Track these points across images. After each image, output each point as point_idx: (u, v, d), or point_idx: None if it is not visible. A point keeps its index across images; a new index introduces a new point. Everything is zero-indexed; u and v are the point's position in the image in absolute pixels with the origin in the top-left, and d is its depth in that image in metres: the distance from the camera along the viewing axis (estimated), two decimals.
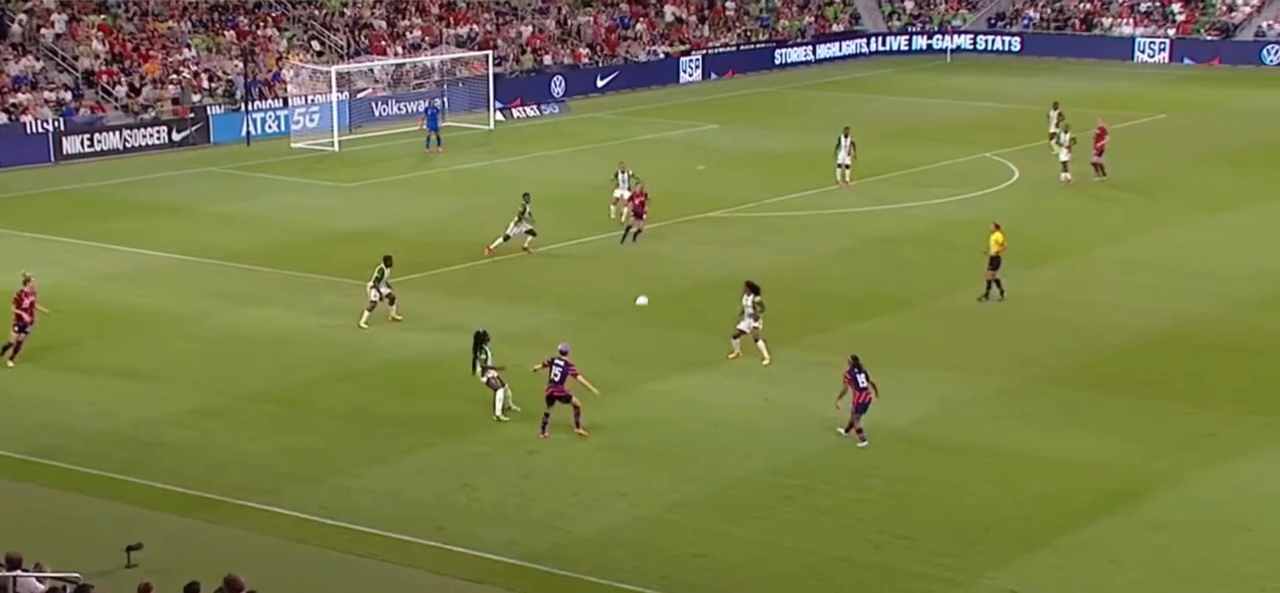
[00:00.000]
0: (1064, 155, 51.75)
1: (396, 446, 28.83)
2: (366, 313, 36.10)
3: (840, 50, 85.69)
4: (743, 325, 33.40)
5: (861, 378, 28.33)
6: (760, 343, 33.22)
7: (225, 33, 67.43)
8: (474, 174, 55.31)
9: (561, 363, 28.80)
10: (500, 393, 29.98)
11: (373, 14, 72.94)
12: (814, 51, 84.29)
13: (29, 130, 57.44)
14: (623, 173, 45.59)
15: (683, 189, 50.93)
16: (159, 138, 59.77)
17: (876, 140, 59.24)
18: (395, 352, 34.12)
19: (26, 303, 33.74)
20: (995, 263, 37.51)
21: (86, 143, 58.07)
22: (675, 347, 34.71)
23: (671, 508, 26.00)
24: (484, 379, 30.21)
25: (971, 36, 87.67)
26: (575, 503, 26.21)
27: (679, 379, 32.54)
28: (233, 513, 25.79)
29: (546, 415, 28.85)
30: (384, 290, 36.14)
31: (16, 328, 33.61)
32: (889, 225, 46.31)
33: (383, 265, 36.28)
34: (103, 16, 65.26)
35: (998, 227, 37.94)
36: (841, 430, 28.74)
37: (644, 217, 43.36)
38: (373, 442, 29.05)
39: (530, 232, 42.38)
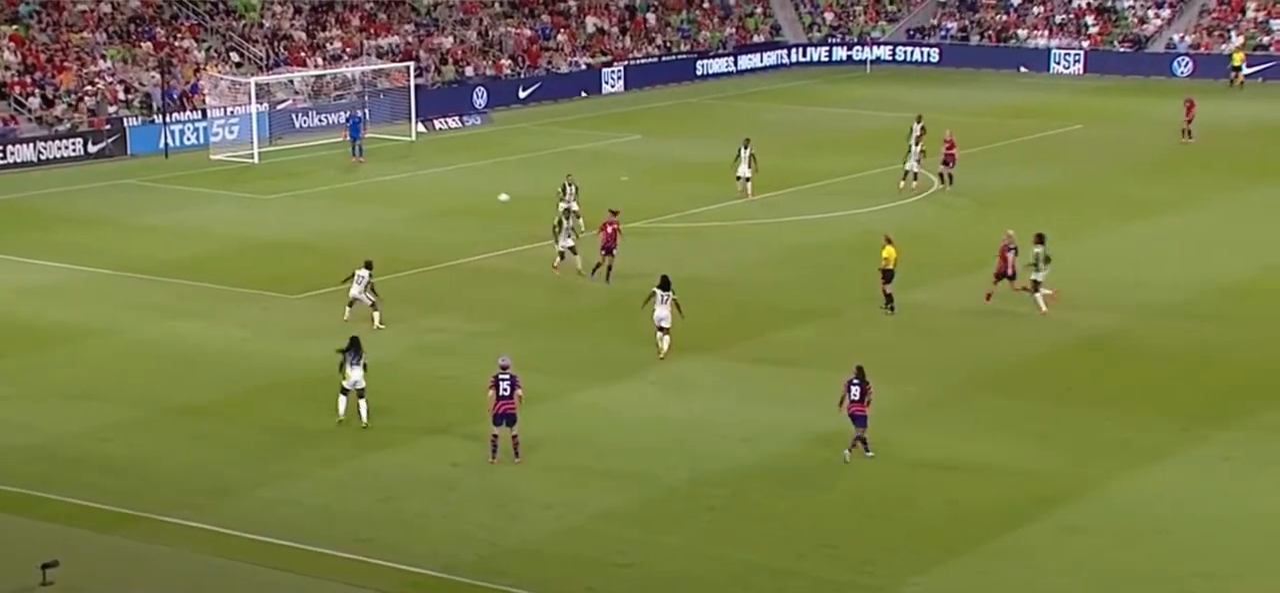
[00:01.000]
0: (913, 165, 52.56)
1: (319, 458, 28.61)
2: (348, 309, 36.61)
3: (761, 61, 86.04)
4: (659, 316, 34.00)
5: (855, 390, 28.22)
6: (668, 335, 34.03)
7: (142, 44, 66.69)
8: (396, 185, 55.03)
9: (507, 376, 28.10)
10: (343, 400, 29.99)
11: (292, 25, 72.40)
12: (735, 62, 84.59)
13: None
14: (570, 186, 45.31)
15: (606, 200, 50.88)
16: (75, 150, 58.98)
17: (797, 150, 59.55)
18: (315, 365, 33.82)
19: None
20: (888, 276, 37.60)
21: None
22: (599, 358, 34.68)
23: (597, 519, 25.98)
24: (351, 386, 29.84)
25: (891, 48, 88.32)
26: (500, 514, 26.12)
27: (603, 390, 32.52)
28: (152, 528, 25.47)
29: (494, 437, 28.14)
30: (368, 298, 36.33)
31: None
32: (811, 235, 46.54)
33: (364, 270, 36.49)
34: (15, 27, 64.32)
35: (889, 240, 37.96)
36: (857, 446, 28.28)
37: (615, 251, 40.22)
38: (295, 455, 28.82)
39: (572, 249, 41.20)
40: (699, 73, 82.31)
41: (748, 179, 50.81)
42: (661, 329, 34.27)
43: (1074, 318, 37.76)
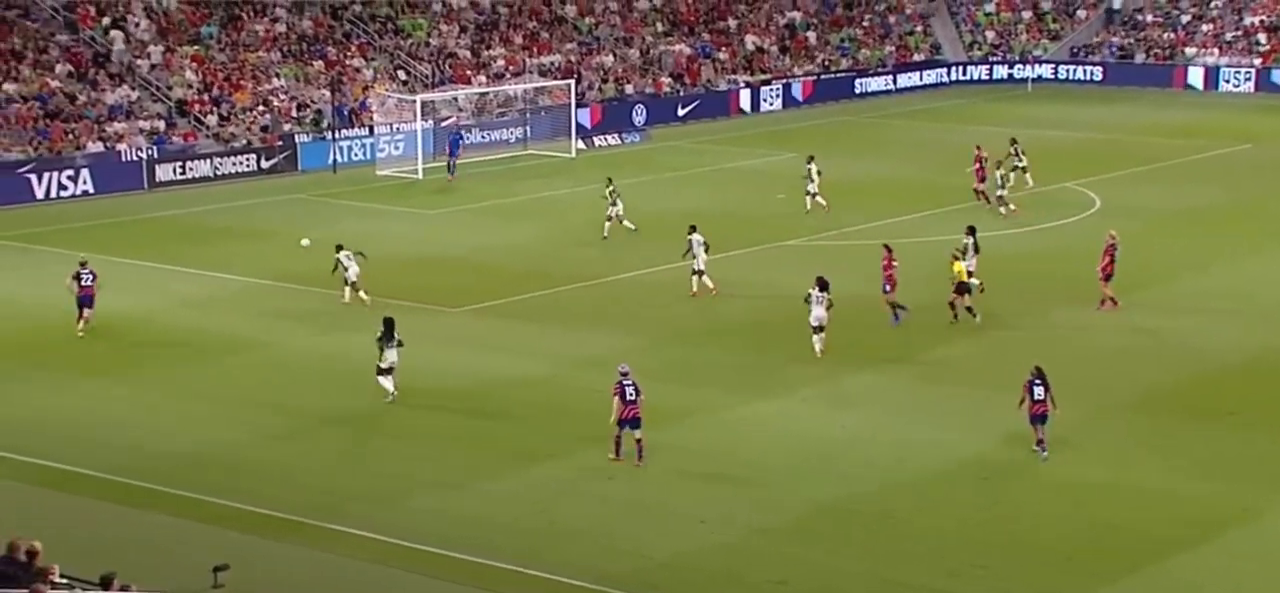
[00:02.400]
0: (1026, 178, 53.25)
1: (475, 469, 28.92)
2: (347, 291, 39.79)
3: (921, 79, 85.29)
4: (816, 316, 34.69)
5: (1038, 390, 28.64)
6: (822, 335, 34.70)
7: (314, 62, 68.22)
8: (555, 201, 55.54)
9: (630, 382, 28.58)
10: (386, 381, 32.02)
11: (458, 44, 73.51)
12: (894, 81, 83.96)
13: (124, 158, 58.37)
14: (613, 194, 44.20)
15: (762, 217, 50.89)
16: (248, 166, 60.50)
17: (956, 169, 58.87)
18: (470, 376, 34.26)
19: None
20: (962, 289, 38.05)
21: (179, 170, 58.92)
22: (753, 372, 34.61)
23: (751, 534, 25.90)
24: (388, 366, 31.81)
25: (1053, 66, 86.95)
26: (654, 529, 26.16)
27: (756, 405, 32.43)
28: (313, 535, 25.94)
29: (618, 439, 28.74)
30: (351, 277, 39.66)
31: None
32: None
33: (335, 252, 40.08)
34: (196, 47, 66.24)
35: (956, 257, 38.51)
36: (1036, 447, 28.84)
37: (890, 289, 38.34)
38: (449, 466, 29.16)
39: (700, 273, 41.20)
40: (857, 91, 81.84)
41: (814, 194, 51.09)
42: (818, 329, 34.76)
43: (1239, 340, 36.80)
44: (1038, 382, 28.72)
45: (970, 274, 38.60)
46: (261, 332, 38.31)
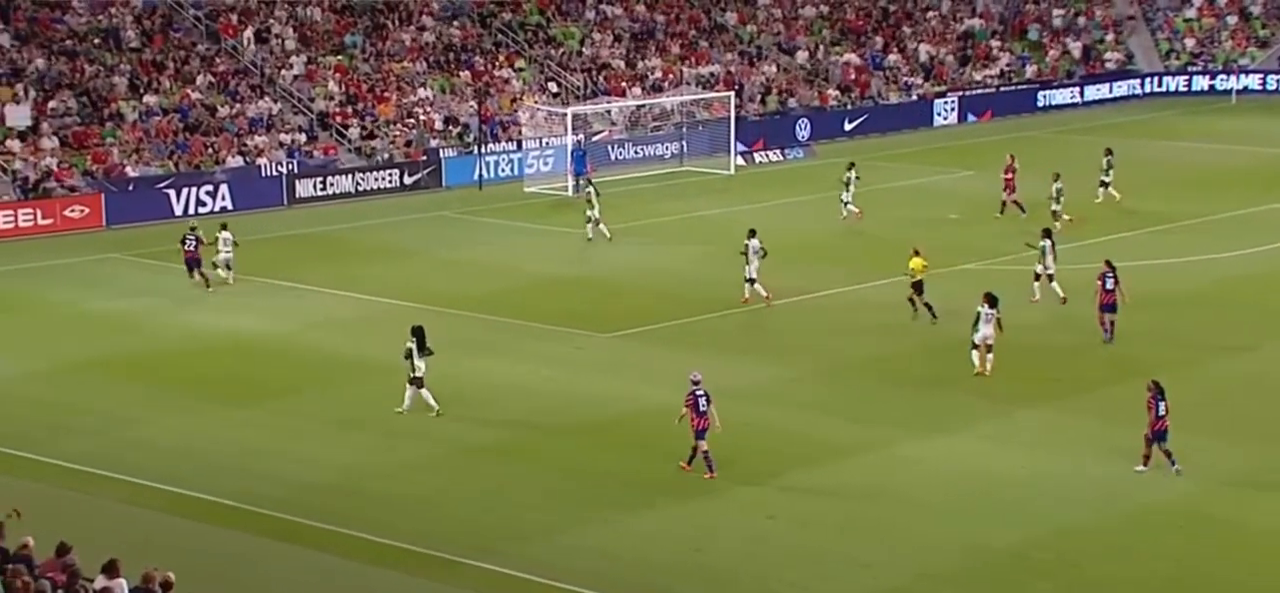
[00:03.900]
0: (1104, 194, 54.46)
1: (624, 504, 28.98)
2: (220, 273, 44.93)
3: (1110, 91, 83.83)
4: (981, 334, 35.12)
5: (1161, 406, 29.30)
6: (990, 355, 34.98)
7: (460, 73, 69.10)
8: (712, 221, 55.55)
9: (702, 392, 29.68)
10: (410, 392, 33.33)
11: (611, 53, 73.89)
12: (1081, 93, 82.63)
13: (264, 173, 59.69)
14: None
15: (934, 239, 50.31)
16: (391, 181, 61.45)
17: (1149, 189, 57.74)
18: (618, 405, 34.36)
19: None
20: (919, 287, 40.18)
21: (319, 186, 60.06)
22: (920, 406, 34.24)
23: (917, 580, 25.60)
24: (413, 374, 33.20)
25: (1260, 76, 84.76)
26: (814, 572, 25.97)
27: (923, 441, 32.06)
28: (450, 570, 26.19)
29: (694, 449, 29.87)
30: (221, 257, 45.05)
31: None
32: (1165, 281, 44.97)
33: (218, 230, 45.67)
34: (339, 57, 67.49)
35: (917, 252, 40.58)
36: (1139, 467, 29.50)
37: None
38: (598, 501, 29.24)
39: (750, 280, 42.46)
40: (1040, 104, 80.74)
41: (848, 203, 52.83)
42: (985, 347, 35.17)
43: None
44: (1160, 397, 29.28)
45: (1051, 278, 41.25)
46: (400, 354, 38.67)
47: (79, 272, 48.49)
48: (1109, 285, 37.80)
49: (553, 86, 70.13)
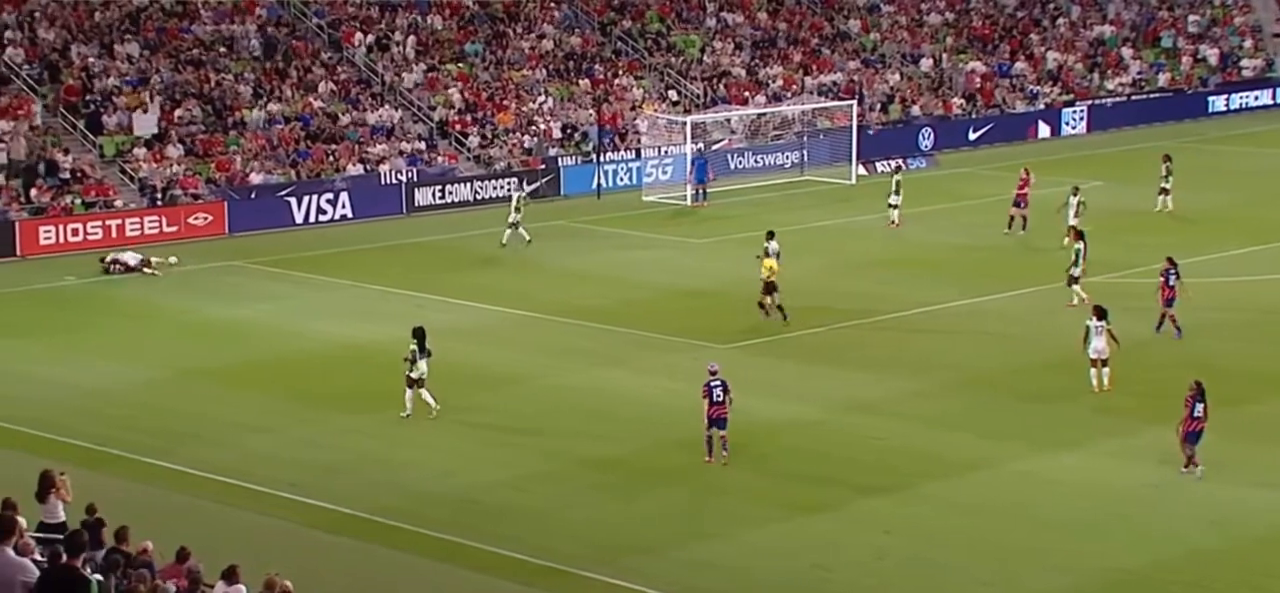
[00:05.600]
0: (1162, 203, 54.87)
1: (742, 519, 29.04)
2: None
3: (1253, 100, 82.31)
4: (1095, 347, 34.91)
5: (1198, 408, 29.38)
6: (1107, 370, 34.79)
7: (580, 81, 69.47)
8: (833, 231, 55.36)
9: (718, 382, 30.80)
10: (410, 394, 34.04)
11: (732, 61, 73.90)
12: (1227, 102, 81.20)
13: (383, 181, 60.42)
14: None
15: (1058, 253, 49.78)
16: (510, 190, 61.78)
17: None
18: (736, 418, 34.33)
19: None
20: (769, 289, 41.31)
21: (438, 194, 60.68)
22: (1044, 421, 33.96)
23: None
24: (412, 375, 33.91)
25: None
26: (935, 590, 25.86)
27: (1047, 457, 31.83)
28: (572, 583, 26.41)
29: (709, 438, 30.96)
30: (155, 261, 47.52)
31: None
32: None
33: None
34: (460, 64, 68.15)
35: (767, 252, 42.05)
36: (1183, 469, 29.65)
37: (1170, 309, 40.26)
38: (717, 515, 29.33)
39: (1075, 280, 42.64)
40: (1175, 113, 79.47)
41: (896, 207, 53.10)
42: (1100, 362, 34.87)
43: None
44: (1199, 398, 29.21)
45: (1074, 281, 41.62)
46: (520, 366, 39.07)
47: (201, 279, 49.37)
48: (1171, 282, 39.04)
49: (673, 95, 70.27)
